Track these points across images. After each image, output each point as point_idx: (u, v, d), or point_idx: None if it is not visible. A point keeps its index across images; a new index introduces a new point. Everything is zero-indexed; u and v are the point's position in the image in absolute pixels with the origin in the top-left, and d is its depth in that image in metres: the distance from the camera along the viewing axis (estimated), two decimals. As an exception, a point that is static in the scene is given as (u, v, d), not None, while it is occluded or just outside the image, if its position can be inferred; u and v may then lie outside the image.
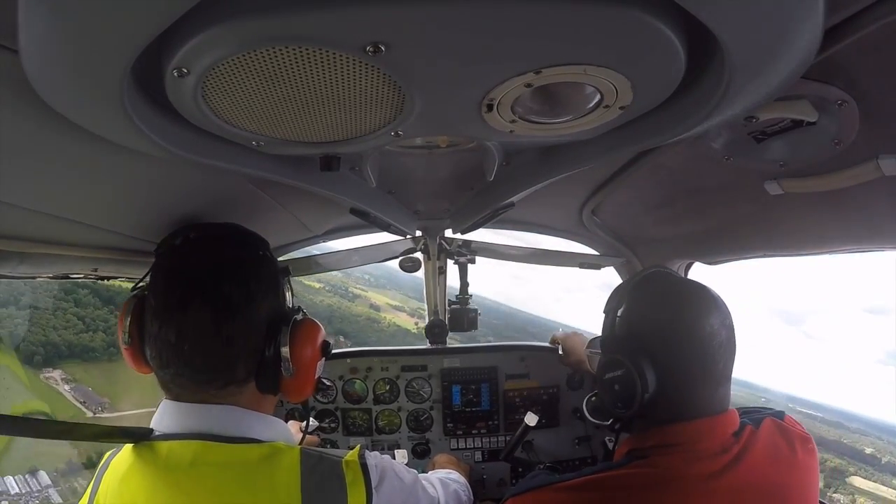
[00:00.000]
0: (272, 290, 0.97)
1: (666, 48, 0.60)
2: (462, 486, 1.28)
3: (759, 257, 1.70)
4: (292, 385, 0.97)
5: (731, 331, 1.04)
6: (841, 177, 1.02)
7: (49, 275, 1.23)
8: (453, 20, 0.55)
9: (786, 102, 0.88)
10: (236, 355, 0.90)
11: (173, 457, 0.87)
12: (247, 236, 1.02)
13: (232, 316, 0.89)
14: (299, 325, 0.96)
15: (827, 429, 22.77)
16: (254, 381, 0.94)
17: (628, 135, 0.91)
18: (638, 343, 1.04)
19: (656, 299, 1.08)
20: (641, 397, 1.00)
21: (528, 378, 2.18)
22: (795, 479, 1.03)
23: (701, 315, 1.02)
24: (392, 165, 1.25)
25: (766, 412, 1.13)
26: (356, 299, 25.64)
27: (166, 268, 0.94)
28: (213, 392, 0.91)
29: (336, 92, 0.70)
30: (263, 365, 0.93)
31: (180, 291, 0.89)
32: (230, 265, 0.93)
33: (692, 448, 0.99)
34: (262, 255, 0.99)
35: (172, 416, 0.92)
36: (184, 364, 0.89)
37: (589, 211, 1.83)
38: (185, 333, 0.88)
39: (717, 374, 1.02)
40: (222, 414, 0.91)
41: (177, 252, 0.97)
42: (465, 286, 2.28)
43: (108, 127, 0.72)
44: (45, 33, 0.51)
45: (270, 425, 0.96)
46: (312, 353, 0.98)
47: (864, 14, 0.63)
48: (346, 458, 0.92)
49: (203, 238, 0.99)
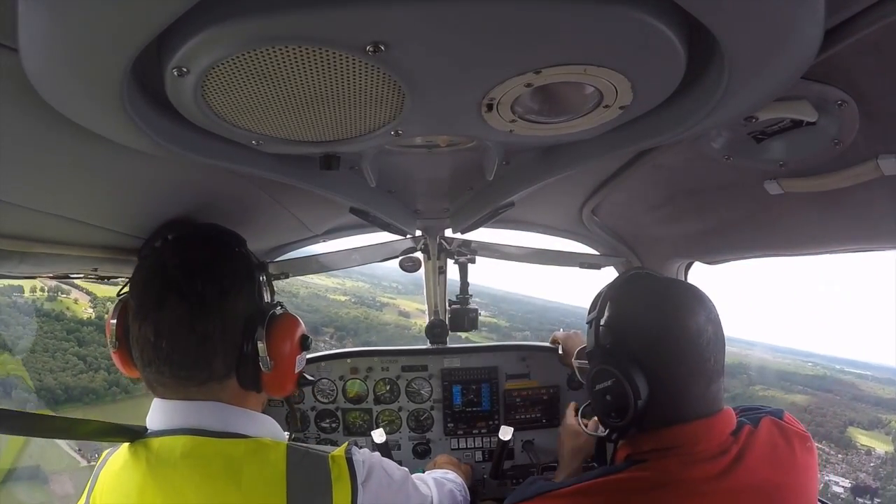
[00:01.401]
0: (247, 286, 0.98)
1: (666, 48, 0.60)
2: (458, 486, 1.27)
3: (759, 257, 1.70)
4: (272, 380, 0.98)
5: (718, 325, 1.03)
6: (841, 177, 1.02)
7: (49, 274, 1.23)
8: (453, 20, 0.55)
9: (786, 102, 0.88)
10: (213, 351, 0.92)
11: (163, 452, 0.89)
12: (222, 234, 1.05)
13: (206, 313, 0.91)
14: (276, 319, 0.97)
15: (881, 387, 21.89)
16: (235, 378, 0.95)
17: (628, 135, 0.91)
18: (624, 350, 1.03)
19: (639, 303, 1.07)
20: (635, 406, 0.99)
21: (529, 378, 2.18)
22: (794, 479, 1.03)
23: (685, 314, 1.01)
24: (392, 165, 1.25)
25: (764, 411, 1.13)
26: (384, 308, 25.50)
27: (144, 269, 0.96)
28: (195, 389, 0.93)
29: (336, 91, 0.70)
30: (242, 360, 0.94)
31: (156, 290, 0.91)
32: (203, 262, 0.94)
33: (690, 451, 0.98)
34: (236, 251, 1.01)
35: (162, 414, 0.94)
36: (162, 361, 0.91)
37: (589, 210, 1.83)
38: (161, 331, 0.90)
39: (709, 371, 1.01)
40: (208, 409, 0.93)
41: (154, 253, 1.00)
42: (466, 286, 2.28)
43: (108, 126, 0.72)
44: (44, 32, 0.51)
45: (256, 421, 0.97)
46: (291, 347, 0.99)
47: (864, 14, 0.63)
48: (333, 453, 0.93)
49: (179, 238, 1.03)
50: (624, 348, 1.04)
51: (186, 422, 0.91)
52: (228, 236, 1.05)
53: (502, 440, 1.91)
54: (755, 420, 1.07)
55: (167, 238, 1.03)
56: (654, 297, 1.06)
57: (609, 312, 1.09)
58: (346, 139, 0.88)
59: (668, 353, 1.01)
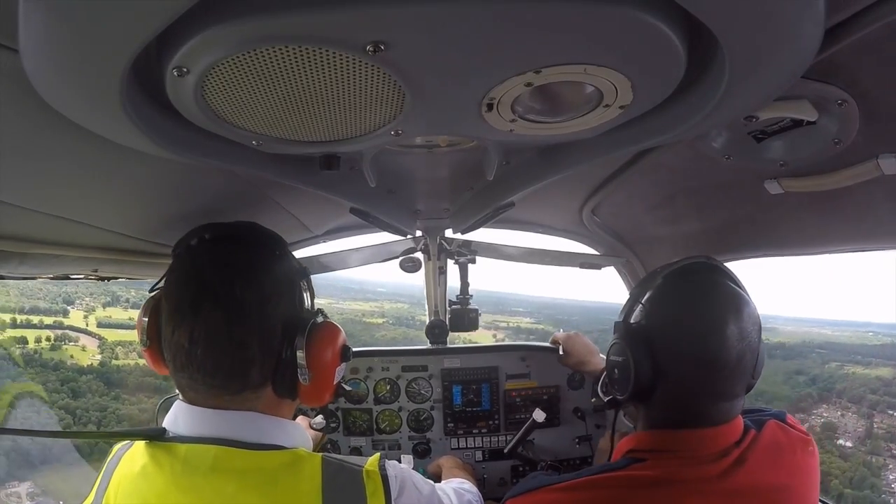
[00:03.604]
0: (288, 292, 0.94)
1: (666, 47, 0.60)
2: (475, 496, 1.27)
3: (759, 256, 1.70)
4: (310, 390, 0.93)
5: (750, 346, 0.99)
6: (841, 176, 1.02)
7: (49, 275, 1.23)
8: (454, 19, 0.55)
9: (786, 102, 0.88)
10: (250, 360, 0.88)
11: (192, 460, 0.85)
12: (262, 236, 0.99)
13: (244, 319, 0.86)
14: (317, 328, 0.93)
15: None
16: (270, 386, 0.91)
17: (628, 135, 0.91)
18: (644, 339, 1.03)
19: (674, 302, 1.05)
20: (634, 389, 1.03)
21: (529, 378, 2.18)
22: (796, 482, 1.03)
23: (712, 331, 0.98)
24: (392, 165, 1.25)
25: (768, 413, 1.13)
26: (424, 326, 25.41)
27: (180, 270, 0.92)
28: (228, 398, 0.88)
29: (336, 91, 0.70)
30: (280, 369, 0.90)
31: (192, 295, 0.87)
32: (243, 267, 0.90)
33: (691, 455, 0.98)
34: (277, 255, 0.96)
35: (190, 419, 0.90)
36: (196, 368, 0.86)
37: (589, 210, 1.83)
38: (196, 337, 0.85)
39: (719, 393, 1.00)
40: (243, 419, 0.89)
41: (191, 253, 0.94)
42: (466, 286, 2.28)
43: (108, 126, 0.72)
44: (45, 33, 0.51)
45: (292, 431, 0.94)
46: (332, 357, 0.95)
47: (864, 14, 0.63)
48: (367, 467, 0.89)
49: (217, 239, 0.96)
50: (644, 337, 1.04)
51: (219, 431, 0.87)
52: (269, 238, 0.99)
53: (535, 420, 1.93)
54: (759, 423, 1.07)
55: (204, 237, 0.96)
56: (690, 304, 1.03)
57: (651, 294, 1.08)
58: (346, 139, 0.88)
59: (681, 364, 1.00)
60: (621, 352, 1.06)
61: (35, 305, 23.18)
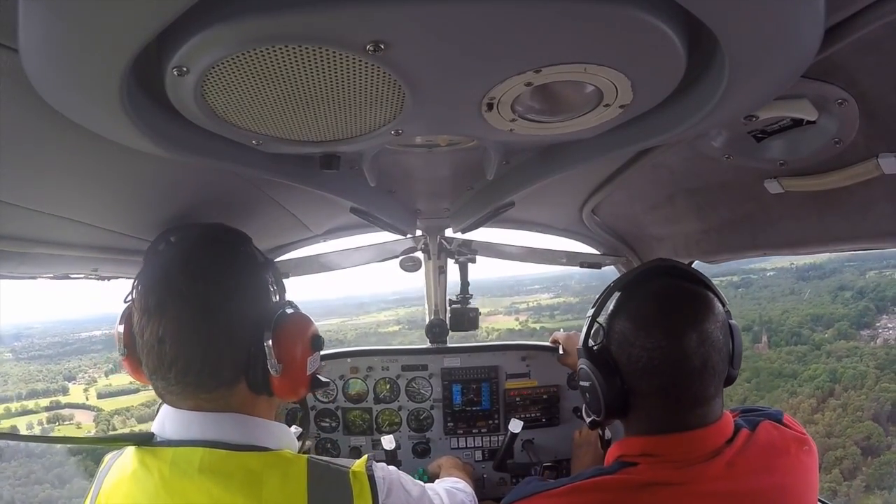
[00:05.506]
0: (253, 286, 0.95)
1: (666, 47, 0.60)
2: (469, 495, 1.27)
3: (759, 256, 1.70)
4: (283, 383, 0.93)
5: (715, 346, 0.98)
6: (841, 175, 1.02)
7: (49, 275, 1.23)
8: (454, 19, 0.55)
9: (786, 101, 0.88)
10: (219, 356, 0.88)
11: (179, 463, 0.85)
12: (225, 234, 1.01)
13: (210, 316, 0.87)
14: (284, 319, 0.93)
15: None
16: (245, 382, 0.91)
17: (628, 134, 0.91)
18: (605, 361, 1.04)
19: (629, 319, 1.03)
20: (607, 411, 1.04)
21: (529, 378, 2.19)
22: (793, 481, 1.03)
23: (671, 343, 0.97)
24: (392, 164, 1.25)
25: (763, 412, 1.13)
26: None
27: (146, 273, 0.93)
28: (205, 397, 0.89)
29: (336, 91, 0.70)
30: (251, 364, 0.90)
31: (157, 295, 0.88)
32: (206, 265, 0.91)
33: (681, 458, 0.98)
34: (241, 251, 0.98)
35: (175, 423, 0.90)
36: (168, 368, 0.87)
37: (589, 210, 1.83)
38: (164, 336, 0.86)
39: (691, 398, 0.99)
40: (227, 421, 0.89)
41: (157, 256, 0.97)
42: (466, 285, 2.28)
43: (108, 126, 0.72)
44: (44, 32, 0.51)
45: (276, 432, 0.94)
46: (301, 348, 0.95)
47: (864, 14, 0.63)
48: (353, 468, 0.90)
49: (181, 240, 0.99)
50: (607, 355, 1.04)
51: (204, 433, 0.88)
52: (232, 235, 1.01)
53: (512, 433, 1.92)
54: (753, 423, 1.07)
55: (170, 240, 0.99)
56: (648, 317, 1.01)
57: (608, 315, 1.08)
58: (346, 139, 0.88)
59: (646, 375, 1.00)
60: (587, 376, 1.07)
61: (33, 389, 22.99)
